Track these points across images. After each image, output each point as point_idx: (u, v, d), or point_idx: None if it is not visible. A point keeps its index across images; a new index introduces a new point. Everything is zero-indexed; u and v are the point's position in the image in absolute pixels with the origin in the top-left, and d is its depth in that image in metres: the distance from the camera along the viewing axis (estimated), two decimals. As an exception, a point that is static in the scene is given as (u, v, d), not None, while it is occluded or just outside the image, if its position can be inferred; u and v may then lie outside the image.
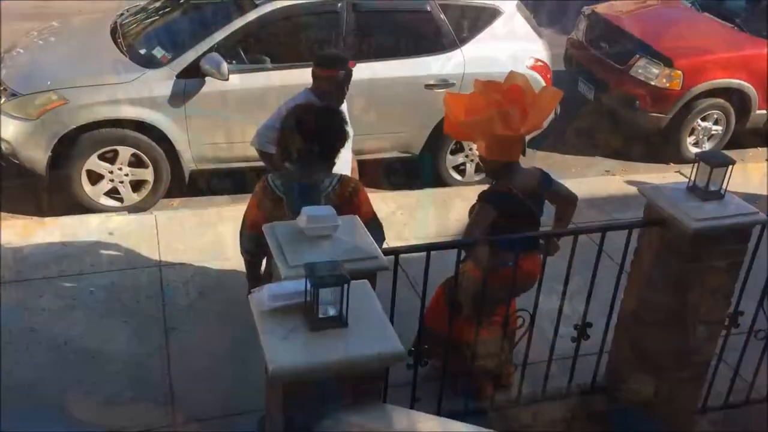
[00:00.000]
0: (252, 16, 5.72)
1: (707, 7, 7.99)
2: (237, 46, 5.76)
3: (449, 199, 6.12)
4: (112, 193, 5.82)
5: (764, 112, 7.37)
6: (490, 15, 6.45)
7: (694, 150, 7.25)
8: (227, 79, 5.56)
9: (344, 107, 4.05)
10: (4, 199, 5.88)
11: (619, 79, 7.39)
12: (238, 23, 5.71)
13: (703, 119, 7.37)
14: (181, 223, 5.56)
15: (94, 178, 5.72)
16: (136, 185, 5.84)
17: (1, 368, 3.99)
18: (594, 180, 6.81)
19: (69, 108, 5.49)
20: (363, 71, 5.79)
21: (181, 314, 4.56)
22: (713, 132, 7.45)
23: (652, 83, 7.15)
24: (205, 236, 5.37)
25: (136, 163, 5.74)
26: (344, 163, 3.85)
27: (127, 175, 5.75)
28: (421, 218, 5.80)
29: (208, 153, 5.89)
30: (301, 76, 4.26)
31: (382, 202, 5.69)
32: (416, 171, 6.50)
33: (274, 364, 2.10)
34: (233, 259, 4.97)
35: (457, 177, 6.58)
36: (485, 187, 3.84)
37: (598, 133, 7.77)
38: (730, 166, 3.27)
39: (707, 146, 7.47)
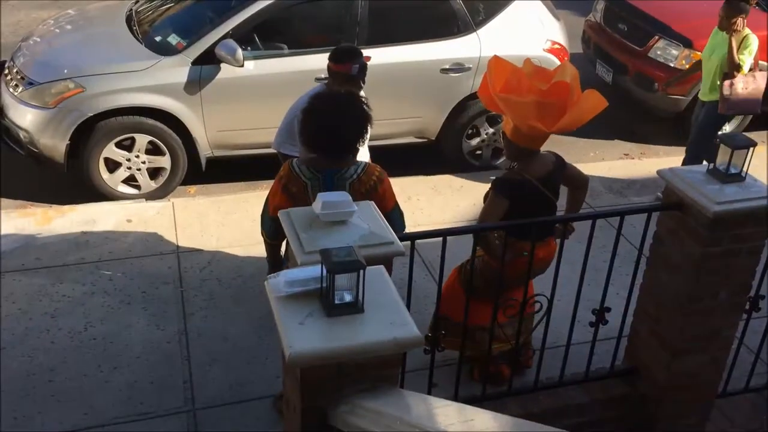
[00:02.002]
0: (267, 1, 5.69)
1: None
2: (252, 32, 5.73)
3: (465, 184, 6.09)
4: (130, 180, 5.85)
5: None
6: (506, -2, 6.39)
7: (715, 132, 7.15)
8: (242, 66, 5.57)
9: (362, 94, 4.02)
10: (24, 188, 5.93)
11: (638, 61, 7.31)
12: (253, 9, 5.68)
13: (724, 101, 7.26)
14: (199, 209, 5.58)
15: (112, 165, 5.75)
16: (154, 173, 5.87)
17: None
18: (612, 163, 6.75)
19: (86, 96, 5.51)
20: (379, 56, 5.79)
21: (198, 300, 4.59)
22: (734, 114, 7.35)
23: (672, 65, 7.07)
24: (223, 223, 5.39)
25: (153, 150, 5.77)
26: (362, 151, 3.84)
27: (144, 162, 5.78)
28: (437, 203, 5.78)
29: (224, 140, 5.90)
30: (317, 62, 4.24)
31: (398, 187, 5.64)
32: (432, 156, 6.47)
33: (292, 350, 2.10)
34: (250, 246, 5.00)
35: (474, 162, 6.54)
36: (501, 172, 3.80)
37: (616, 116, 7.69)
38: (752, 149, 3.22)
39: (728, 128, 7.36)
